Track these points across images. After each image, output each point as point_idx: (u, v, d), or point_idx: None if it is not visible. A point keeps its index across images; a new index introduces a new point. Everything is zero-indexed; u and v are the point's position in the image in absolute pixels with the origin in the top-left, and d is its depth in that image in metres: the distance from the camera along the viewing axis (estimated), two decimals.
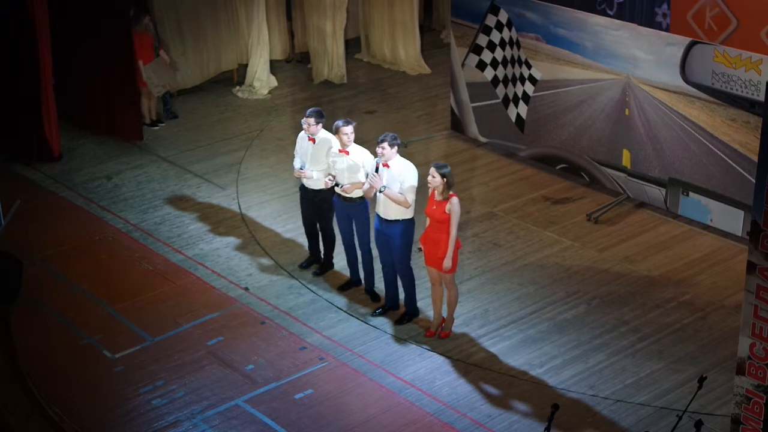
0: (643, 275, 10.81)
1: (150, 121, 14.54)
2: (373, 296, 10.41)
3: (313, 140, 10.38)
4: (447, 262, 9.34)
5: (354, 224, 10.26)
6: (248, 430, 8.66)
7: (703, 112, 11.23)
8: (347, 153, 10.00)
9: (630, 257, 11.16)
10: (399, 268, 9.88)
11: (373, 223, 10.04)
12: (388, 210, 9.63)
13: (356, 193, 10.08)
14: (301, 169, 10.45)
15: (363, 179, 9.95)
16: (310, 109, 10.45)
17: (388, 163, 9.55)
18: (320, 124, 10.38)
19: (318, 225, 10.78)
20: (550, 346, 9.65)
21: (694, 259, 11.10)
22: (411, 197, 9.55)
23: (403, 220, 9.64)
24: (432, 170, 9.27)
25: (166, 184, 13.03)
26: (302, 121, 10.43)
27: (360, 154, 10.04)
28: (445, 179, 9.23)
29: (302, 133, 10.52)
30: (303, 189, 10.68)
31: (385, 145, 9.51)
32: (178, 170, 13.41)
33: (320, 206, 10.60)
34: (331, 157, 10.16)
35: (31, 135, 13.42)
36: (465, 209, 11.78)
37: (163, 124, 14.65)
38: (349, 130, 9.95)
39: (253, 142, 14.19)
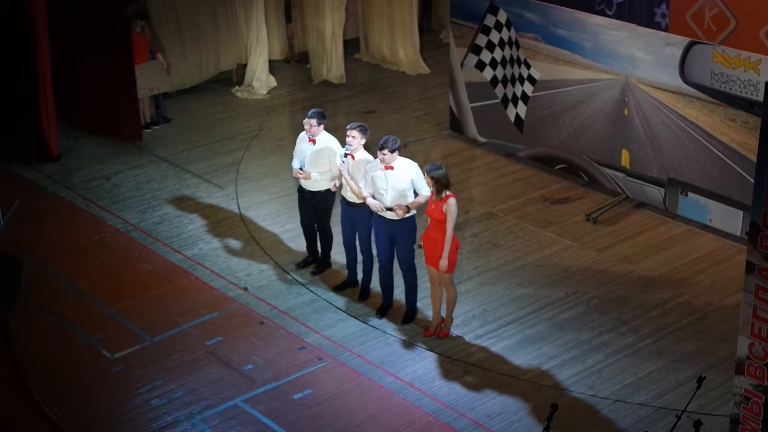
0: (642, 275, 10.81)
1: (144, 123, 14.50)
2: (364, 294, 10.39)
3: (314, 141, 10.37)
4: (443, 262, 9.35)
5: (356, 228, 10.24)
6: (247, 430, 8.65)
7: (702, 112, 11.23)
8: (353, 157, 9.99)
9: (629, 257, 11.16)
10: (406, 265, 9.89)
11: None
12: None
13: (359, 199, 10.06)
14: (300, 169, 10.45)
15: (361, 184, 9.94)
16: (312, 110, 10.42)
17: (392, 165, 9.60)
18: (322, 126, 10.35)
19: (315, 225, 10.78)
20: (549, 346, 9.66)
21: (693, 259, 11.11)
22: (426, 192, 9.64)
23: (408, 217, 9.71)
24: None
25: (165, 184, 13.03)
26: (304, 121, 10.41)
27: (364, 158, 10.00)
28: (434, 180, 9.27)
29: (303, 133, 10.50)
30: (301, 190, 10.68)
31: (386, 151, 9.57)
32: (177, 170, 13.41)
33: (317, 207, 10.59)
34: (339, 160, 10.11)
35: (31, 135, 13.43)
36: (464, 209, 11.79)
37: (157, 127, 14.62)
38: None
39: (252, 142, 14.19)
